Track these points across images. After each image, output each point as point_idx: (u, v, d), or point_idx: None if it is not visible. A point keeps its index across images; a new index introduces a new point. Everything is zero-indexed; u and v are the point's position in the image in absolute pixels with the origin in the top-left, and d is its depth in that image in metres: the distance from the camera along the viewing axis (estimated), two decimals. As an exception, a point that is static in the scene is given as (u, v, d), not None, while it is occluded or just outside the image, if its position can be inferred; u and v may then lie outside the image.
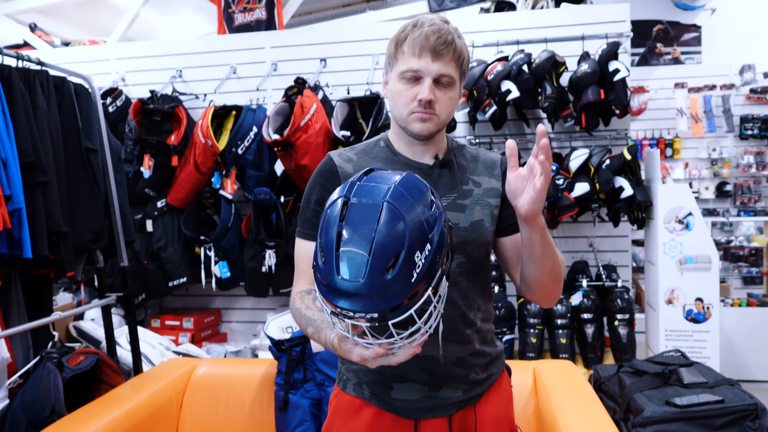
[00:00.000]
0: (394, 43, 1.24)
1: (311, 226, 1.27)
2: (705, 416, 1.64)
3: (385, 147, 1.31)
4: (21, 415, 1.94)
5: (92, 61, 3.93)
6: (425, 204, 0.96)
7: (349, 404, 1.29)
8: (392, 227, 0.91)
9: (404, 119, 1.23)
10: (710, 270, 2.98)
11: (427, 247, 0.93)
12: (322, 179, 1.29)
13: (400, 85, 1.22)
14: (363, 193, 0.96)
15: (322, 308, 1.18)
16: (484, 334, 1.32)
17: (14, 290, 2.20)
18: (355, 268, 0.91)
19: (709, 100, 5.41)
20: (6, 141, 1.92)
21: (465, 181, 1.30)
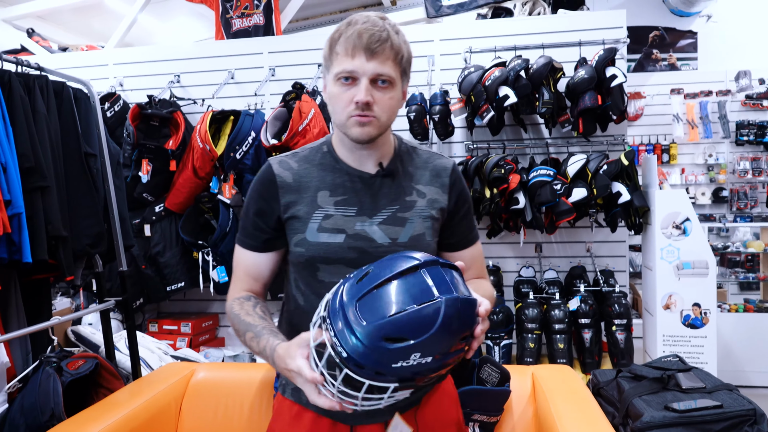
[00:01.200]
0: (329, 44, 1.17)
1: (251, 236, 1.27)
2: (704, 421, 1.64)
3: (328, 153, 1.27)
4: (20, 419, 1.94)
5: (90, 66, 3.93)
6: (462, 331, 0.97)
7: (289, 409, 1.29)
8: (423, 321, 0.92)
9: (343, 124, 1.17)
10: (707, 275, 2.99)
11: (428, 359, 0.94)
12: (260, 188, 1.26)
13: (336, 87, 1.16)
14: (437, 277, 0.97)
15: (263, 316, 1.21)
16: None
17: (13, 295, 2.20)
18: (371, 314, 0.94)
19: (705, 106, 5.44)
20: (6, 146, 1.93)
21: (409, 191, 1.25)
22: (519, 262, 3.53)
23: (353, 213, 1.21)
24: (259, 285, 1.30)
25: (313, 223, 1.21)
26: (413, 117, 3.25)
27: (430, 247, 1.26)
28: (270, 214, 1.25)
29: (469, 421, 2.00)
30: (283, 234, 1.26)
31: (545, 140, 3.44)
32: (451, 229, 1.31)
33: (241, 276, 1.30)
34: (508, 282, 3.48)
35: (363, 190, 1.23)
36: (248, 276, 1.29)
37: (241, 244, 1.30)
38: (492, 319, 3.16)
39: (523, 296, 3.25)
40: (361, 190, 1.23)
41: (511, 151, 3.43)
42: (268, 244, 1.27)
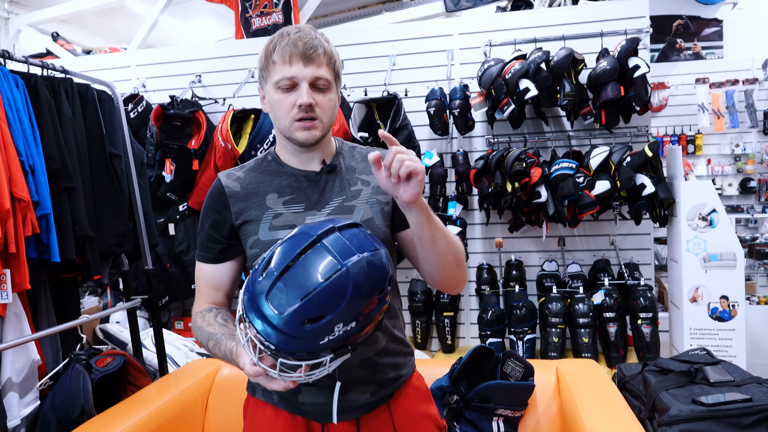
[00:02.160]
0: (264, 55, 1.23)
1: (207, 249, 1.32)
2: (732, 415, 1.61)
3: (273, 161, 1.33)
4: (52, 416, 1.99)
5: (113, 68, 3.99)
6: (376, 290, 0.99)
7: (262, 411, 1.31)
8: (334, 293, 0.95)
9: (287, 129, 1.23)
10: (735, 267, 2.93)
11: (351, 325, 0.97)
12: (211, 201, 1.32)
13: (277, 95, 1.21)
14: (336, 244, 0.98)
15: (223, 323, 1.24)
16: (391, 330, 1.31)
17: (43, 294, 2.25)
18: (283, 302, 0.95)
19: (731, 95, 5.33)
20: (33, 148, 1.97)
21: (353, 182, 1.31)
22: (542, 257, 3.50)
23: (302, 209, 1.27)
24: (221, 295, 1.36)
25: (264, 224, 1.26)
26: (433, 112, 3.24)
27: (380, 230, 1.29)
28: (223, 225, 1.30)
29: (493, 415, 2.00)
30: (238, 242, 1.31)
31: (567, 133, 3.40)
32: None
33: (203, 289, 1.35)
34: (531, 276, 3.46)
35: (309, 188, 1.29)
36: (210, 288, 1.34)
37: (199, 258, 1.35)
38: (515, 314, 3.14)
39: (546, 290, 3.23)
40: (308, 188, 1.29)
41: (533, 145, 3.39)
42: (224, 254, 1.32)
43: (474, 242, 3.55)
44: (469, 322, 3.59)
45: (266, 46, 1.23)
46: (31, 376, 2.11)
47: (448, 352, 3.41)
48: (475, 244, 3.55)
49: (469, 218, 3.53)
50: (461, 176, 3.31)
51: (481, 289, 3.36)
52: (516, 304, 3.15)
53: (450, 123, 3.33)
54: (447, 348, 3.41)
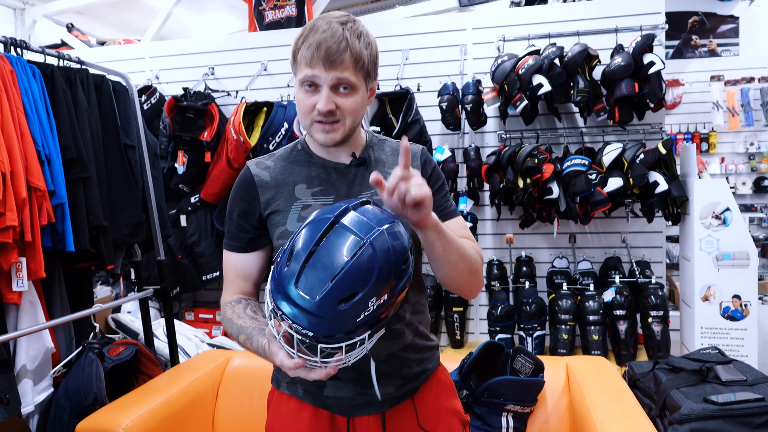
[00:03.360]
0: (293, 48, 1.19)
1: (236, 238, 1.30)
2: (744, 414, 1.60)
3: (302, 150, 1.31)
4: (65, 402, 2.01)
5: (127, 59, 4.01)
6: (401, 259, 1.00)
7: (286, 404, 1.30)
8: (363, 269, 0.95)
9: (308, 128, 1.22)
10: (748, 267, 2.91)
11: (384, 297, 0.97)
12: (240, 190, 1.30)
13: (301, 93, 1.19)
14: (354, 222, 0.99)
15: (253, 316, 1.21)
16: (416, 326, 1.30)
17: (57, 283, 2.27)
18: (314, 287, 0.95)
19: (746, 93, 5.28)
20: (50, 138, 1.99)
21: (383, 176, 1.26)
22: (552, 253, 3.49)
23: (330, 201, 1.25)
24: (249, 285, 1.33)
25: (293, 215, 1.25)
26: (445, 107, 3.23)
27: (409, 226, 1.25)
28: (252, 214, 1.28)
29: (502, 411, 2.00)
30: (266, 232, 1.30)
31: (580, 129, 3.38)
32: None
33: (231, 279, 1.33)
34: (541, 273, 3.45)
35: (339, 180, 1.27)
36: (238, 278, 1.32)
37: (227, 247, 1.33)
38: (525, 310, 3.14)
39: (556, 287, 3.22)
40: (337, 180, 1.27)
41: (545, 141, 3.38)
42: (252, 244, 1.30)
43: (484, 238, 3.54)
44: (478, 317, 3.59)
45: (296, 38, 1.18)
46: (45, 364, 2.13)
47: (456, 347, 3.41)
48: (486, 239, 3.55)
49: (480, 214, 3.52)
50: (473, 172, 3.30)
51: (491, 284, 3.36)
52: (526, 300, 3.15)
53: (462, 118, 3.32)
54: (456, 343, 3.42)
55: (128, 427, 1.77)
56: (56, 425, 2.03)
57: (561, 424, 2.01)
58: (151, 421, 1.86)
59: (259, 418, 2.18)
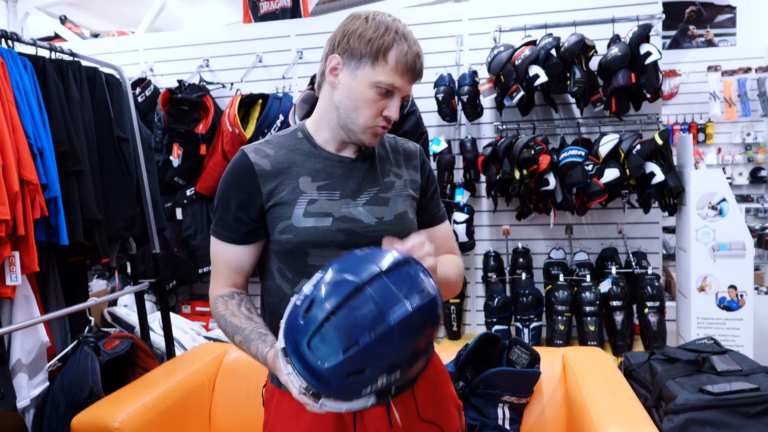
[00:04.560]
0: (375, 45, 1.13)
1: (231, 229, 1.22)
2: (739, 404, 1.61)
3: (304, 139, 1.25)
4: (61, 396, 2.01)
5: (121, 51, 3.98)
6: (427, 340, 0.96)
7: (288, 402, 1.24)
8: (379, 349, 0.90)
9: (360, 127, 1.18)
10: (744, 257, 2.91)
11: (395, 375, 0.93)
12: (238, 179, 1.21)
13: (371, 93, 1.15)
14: (380, 293, 0.92)
15: (249, 316, 1.19)
16: None
17: (52, 277, 2.26)
18: (325, 353, 0.91)
19: (743, 84, 5.27)
20: (42, 131, 1.97)
21: (386, 173, 1.28)
22: (549, 244, 3.49)
23: (337, 197, 1.21)
24: (241, 278, 1.28)
25: (299, 209, 1.19)
26: (441, 98, 3.22)
27: (413, 225, 1.28)
28: (252, 205, 1.21)
29: (498, 402, 2.00)
30: (264, 224, 1.23)
31: (576, 120, 3.37)
32: (423, 207, 1.34)
33: (222, 271, 1.27)
34: (538, 264, 3.45)
35: (344, 174, 1.23)
36: (230, 270, 1.27)
37: (219, 237, 1.25)
38: (521, 302, 3.14)
39: (553, 278, 3.22)
40: (342, 175, 1.23)
41: (542, 132, 3.37)
42: (249, 236, 1.24)
43: (481, 229, 3.54)
44: (475, 309, 3.59)
45: (382, 36, 1.13)
46: (40, 358, 2.13)
47: (453, 339, 3.42)
48: (482, 231, 3.54)
49: (476, 205, 3.52)
50: (469, 163, 3.29)
51: (487, 276, 3.36)
52: (522, 291, 3.15)
53: (458, 109, 3.31)
54: (453, 335, 3.42)
55: (124, 420, 1.77)
56: (52, 419, 2.03)
57: (557, 415, 2.02)
58: (147, 414, 1.86)
59: (255, 411, 2.18)
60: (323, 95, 1.23)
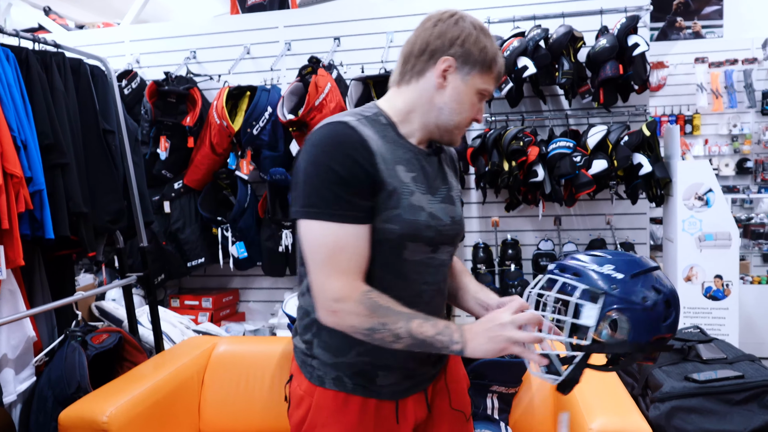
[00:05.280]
0: (489, 54, 1.16)
1: (353, 205, 1.07)
2: (724, 391, 1.63)
3: (389, 126, 1.18)
4: (48, 391, 1.99)
5: (106, 43, 3.93)
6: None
7: (333, 400, 1.20)
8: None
9: (459, 128, 1.20)
10: (730, 247, 2.95)
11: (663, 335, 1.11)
12: (351, 150, 1.08)
13: (475, 98, 1.18)
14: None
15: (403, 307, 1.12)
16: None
17: (37, 271, 2.24)
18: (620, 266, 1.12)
19: (730, 75, 5.30)
20: (25, 123, 1.94)
21: (447, 173, 1.30)
22: (538, 236, 3.50)
23: (424, 190, 1.18)
24: (365, 268, 1.11)
25: (405, 200, 1.13)
26: (430, 90, 3.21)
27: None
28: (366, 181, 1.09)
29: (487, 392, 2.01)
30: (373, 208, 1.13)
31: (565, 112, 3.38)
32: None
33: (349, 260, 1.08)
34: (527, 255, 3.46)
35: (425, 168, 1.21)
36: (359, 257, 1.09)
37: (339, 218, 1.07)
38: (511, 293, 3.15)
39: (541, 269, 3.23)
40: (424, 168, 1.21)
41: (530, 123, 3.37)
42: (370, 215, 1.10)
43: (470, 221, 3.55)
44: (464, 300, 3.60)
45: (490, 44, 1.17)
46: (26, 353, 2.11)
47: (443, 331, 3.42)
48: (472, 223, 3.55)
49: (465, 197, 3.52)
50: (458, 155, 3.30)
51: (476, 267, 3.37)
52: (512, 282, 3.17)
53: (447, 101, 3.30)
54: (442, 326, 3.43)
55: (112, 414, 1.76)
56: (39, 414, 2.01)
57: (545, 404, 2.03)
58: (136, 408, 1.85)
59: (246, 404, 2.18)
60: (417, 92, 1.19)
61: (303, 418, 1.23)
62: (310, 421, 1.22)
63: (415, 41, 1.20)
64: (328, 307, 1.09)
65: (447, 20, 1.17)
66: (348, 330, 1.10)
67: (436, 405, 1.30)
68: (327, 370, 1.21)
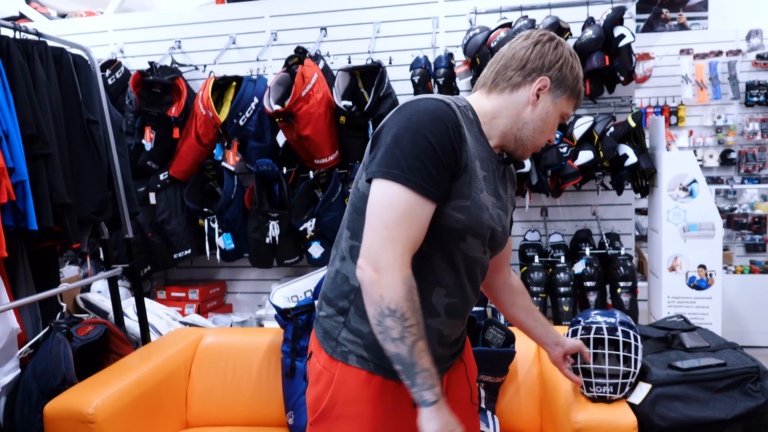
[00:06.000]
0: (579, 82, 1.23)
1: (434, 182, 1.05)
2: (707, 379, 1.65)
3: (475, 122, 1.19)
4: (33, 383, 1.97)
5: (90, 32, 3.88)
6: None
7: (355, 377, 1.19)
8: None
9: (536, 146, 1.25)
10: (714, 237, 2.98)
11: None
12: (446, 128, 1.07)
13: (557, 119, 1.23)
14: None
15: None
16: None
17: (21, 262, 2.22)
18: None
19: (714, 67, 5.35)
20: (7, 113, 1.91)
21: (507, 186, 1.32)
22: (524, 226, 3.52)
23: (491, 192, 1.19)
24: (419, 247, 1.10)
25: (476, 193, 1.13)
26: (417, 80, 3.21)
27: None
28: (456, 165, 1.09)
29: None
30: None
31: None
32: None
33: (413, 236, 1.06)
34: (513, 246, 3.48)
35: (495, 172, 1.22)
36: (419, 233, 1.08)
37: (419, 189, 1.04)
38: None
39: (528, 260, 3.26)
40: (494, 171, 1.22)
41: (517, 115, 3.38)
42: (443, 197, 1.09)
43: (457, 212, 3.55)
44: (451, 291, 3.61)
45: (580, 72, 1.23)
46: (10, 345, 2.08)
47: (430, 321, 3.44)
48: (459, 214, 3.56)
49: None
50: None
51: (464, 258, 3.37)
52: (498, 273, 3.18)
53: (434, 92, 3.30)
54: (430, 317, 3.44)
55: (98, 406, 1.75)
56: (24, 406, 1.99)
57: (532, 393, 2.05)
58: (122, 400, 1.84)
59: (233, 395, 2.18)
60: (507, 102, 1.20)
61: (320, 396, 1.20)
62: (330, 398, 1.18)
63: (514, 55, 1.21)
64: (374, 263, 1.05)
65: (547, 42, 1.20)
66: (374, 297, 1.05)
67: (452, 395, 1.28)
68: (353, 347, 1.18)
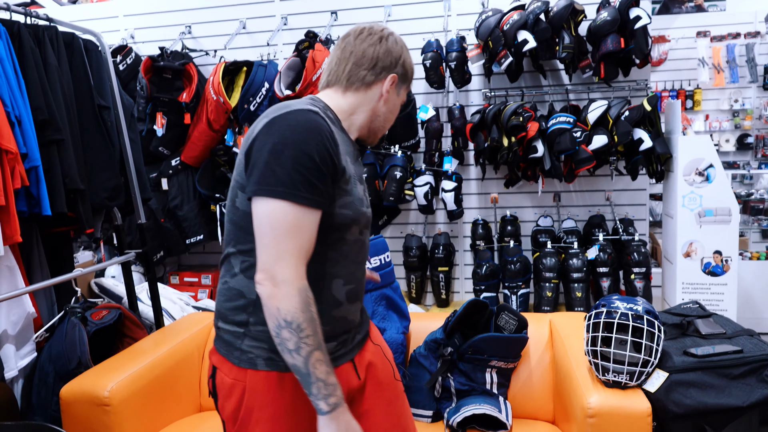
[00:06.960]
0: (413, 72, 1.36)
1: (317, 191, 1.09)
2: (723, 366, 1.63)
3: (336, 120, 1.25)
4: (49, 366, 2.00)
5: (100, 18, 3.88)
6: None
7: (266, 380, 1.17)
8: None
9: (381, 131, 1.35)
10: (730, 223, 2.94)
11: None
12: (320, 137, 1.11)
13: (398, 108, 1.36)
14: None
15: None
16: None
17: (36, 247, 2.24)
18: None
19: (732, 49, 5.24)
20: (19, 99, 1.92)
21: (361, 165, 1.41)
22: (537, 212, 3.49)
23: (359, 180, 1.29)
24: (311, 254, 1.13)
25: (354, 188, 1.22)
26: (429, 65, 3.17)
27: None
28: (333, 170, 1.14)
29: (486, 367, 2.02)
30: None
31: (565, 86, 3.35)
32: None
33: (305, 247, 1.10)
34: (526, 232, 3.46)
35: (357, 160, 1.33)
36: (309, 242, 1.11)
37: (303, 201, 1.08)
38: (509, 269, 3.16)
39: (540, 246, 3.23)
40: (357, 160, 1.33)
41: (530, 98, 3.34)
42: (327, 202, 1.14)
43: (469, 197, 3.54)
44: (463, 276, 3.61)
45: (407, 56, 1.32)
46: (26, 329, 2.11)
47: (442, 307, 3.44)
48: (471, 199, 3.54)
49: (464, 173, 3.51)
50: (457, 131, 3.27)
51: (475, 244, 3.37)
52: (510, 259, 3.17)
53: (446, 76, 3.27)
54: (441, 302, 3.44)
55: (113, 389, 1.77)
56: (41, 389, 2.02)
57: (544, 379, 2.04)
58: (137, 383, 1.86)
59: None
60: (362, 99, 1.29)
61: (237, 406, 1.18)
62: (246, 406, 1.18)
63: (363, 53, 1.27)
64: (271, 278, 1.07)
65: (389, 38, 1.29)
66: (271, 309, 1.07)
67: (377, 377, 1.34)
68: (259, 351, 1.17)
